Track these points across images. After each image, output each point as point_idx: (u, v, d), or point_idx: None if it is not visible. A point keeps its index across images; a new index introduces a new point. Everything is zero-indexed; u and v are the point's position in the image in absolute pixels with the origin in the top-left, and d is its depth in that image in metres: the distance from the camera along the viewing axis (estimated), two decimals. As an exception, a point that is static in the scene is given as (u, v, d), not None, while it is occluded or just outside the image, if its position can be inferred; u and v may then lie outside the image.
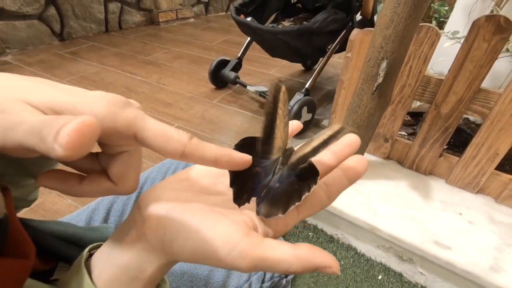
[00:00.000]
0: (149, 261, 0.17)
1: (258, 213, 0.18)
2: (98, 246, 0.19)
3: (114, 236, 0.18)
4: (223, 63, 1.29)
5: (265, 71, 1.55)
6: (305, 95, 1.01)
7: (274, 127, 0.20)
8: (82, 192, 0.17)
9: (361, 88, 0.67)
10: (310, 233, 0.89)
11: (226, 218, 0.17)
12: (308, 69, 1.60)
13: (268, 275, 0.43)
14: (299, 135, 1.04)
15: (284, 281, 0.45)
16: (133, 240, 0.17)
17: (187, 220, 0.16)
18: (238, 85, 1.25)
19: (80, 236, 0.26)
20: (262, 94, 1.13)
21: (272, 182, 0.19)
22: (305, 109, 0.99)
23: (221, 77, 1.28)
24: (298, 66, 1.61)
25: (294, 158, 0.20)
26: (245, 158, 0.17)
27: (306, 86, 1.03)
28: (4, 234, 0.17)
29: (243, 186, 0.19)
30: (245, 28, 1.06)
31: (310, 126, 1.07)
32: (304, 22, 1.13)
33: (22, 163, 0.20)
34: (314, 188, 0.17)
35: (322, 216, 0.87)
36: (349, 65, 0.85)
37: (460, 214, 0.77)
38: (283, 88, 0.19)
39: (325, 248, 0.84)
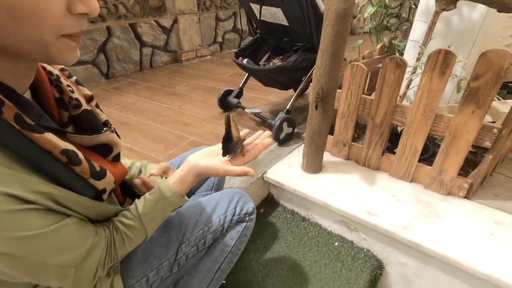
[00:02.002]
0: (189, 175, 0.54)
1: (225, 157, 0.55)
2: None
3: (175, 172, 0.55)
4: (228, 92, 1.68)
5: (264, 97, 1.92)
6: (286, 114, 1.35)
7: (231, 129, 0.55)
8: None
9: (312, 106, 1.00)
10: (288, 215, 1.18)
11: (217, 160, 0.54)
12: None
13: (237, 212, 0.74)
14: (284, 143, 1.36)
15: (247, 217, 0.76)
16: (183, 170, 0.54)
17: (204, 160, 0.54)
18: (239, 108, 1.62)
19: None
20: (256, 114, 1.48)
21: (231, 150, 0.55)
22: (285, 124, 1.32)
23: (226, 103, 1.66)
24: (291, 92, 1.96)
25: (239, 140, 0.56)
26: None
27: (287, 107, 1.37)
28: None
29: (225, 152, 0.55)
30: (242, 67, 1.45)
31: (292, 137, 1.40)
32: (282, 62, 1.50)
33: None
34: (244, 149, 0.55)
35: (297, 202, 1.17)
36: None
37: (393, 195, 1.04)
38: (231, 115, 0.55)
39: (298, 226, 1.13)
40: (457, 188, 1.02)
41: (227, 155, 0.58)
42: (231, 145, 0.59)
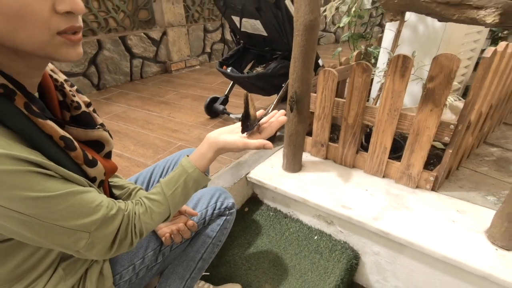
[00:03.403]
0: (209, 152, 0.60)
1: (244, 134, 0.62)
2: None
3: (196, 150, 0.62)
4: (214, 100, 1.76)
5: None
6: (268, 118, 1.43)
7: (249, 108, 0.61)
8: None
9: (288, 109, 1.08)
10: (271, 213, 1.25)
11: (237, 136, 0.61)
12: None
13: (218, 206, 0.81)
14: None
15: (227, 212, 0.82)
16: (203, 147, 0.61)
17: (224, 136, 0.61)
18: (225, 114, 1.70)
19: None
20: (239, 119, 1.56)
21: (249, 128, 0.62)
22: (267, 127, 1.40)
23: (213, 110, 1.74)
24: (274, 98, 2.05)
25: (256, 119, 0.63)
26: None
27: (268, 110, 1.45)
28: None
29: (244, 129, 0.61)
30: (226, 76, 1.53)
31: (275, 140, 1.48)
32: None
33: None
34: (261, 127, 0.64)
35: (279, 200, 1.24)
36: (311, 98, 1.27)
37: (366, 190, 1.12)
38: (250, 96, 0.61)
39: (280, 222, 1.20)
40: (424, 181, 1.10)
41: (245, 133, 0.62)
42: (249, 123, 0.62)
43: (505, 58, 1.01)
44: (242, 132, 0.62)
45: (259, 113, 0.66)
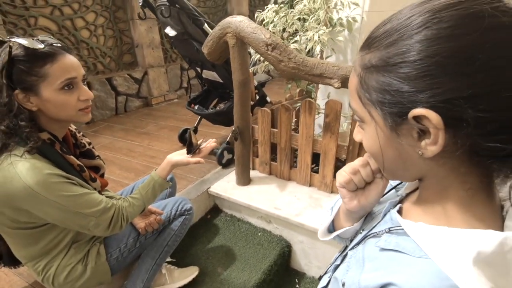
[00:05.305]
0: (167, 166, 1.00)
1: (188, 155, 1.03)
2: None
3: (160, 166, 1.02)
4: (186, 131, 2.15)
5: (216, 132, 2.41)
6: (226, 144, 1.83)
7: (192, 139, 1.01)
8: None
9: (233, 137, 1.49)
10: (228, 218, 1.62)
11: (184, 156, 1.02)
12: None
13: (179, 209, 1.17)
14: (226, 166, 1.83)
15: (186, 213, 1.18)
16: (164, 163, 1.01)
17: (176, 156, 1.02)
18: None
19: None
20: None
21: (191, 151, 1.03)
22: (225, 152, 1.80)
23: (184, 139, 2.13)
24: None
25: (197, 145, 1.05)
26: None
27: (227, 139, 1.86)
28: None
29: (188, 152, 1.02)
30: (194, 112, 1.95)
31: (232, 162, 1.87)
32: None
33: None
34: (200, 149, 1.06)
35: (233, 208, 1.61)
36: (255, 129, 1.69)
37: (295, 196, 1.52)
38: (191, 131, 1.02)
39: (234, 225, 1.57)
40: (335, 187, 1.51)
41: (189, 154, 1.04)
42: (192, 148, 1.04)
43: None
44: (187, 153, 1.03)
45: (199, 141, 1.09)
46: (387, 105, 0.33)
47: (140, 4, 1.73)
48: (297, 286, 1.41)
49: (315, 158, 1.52)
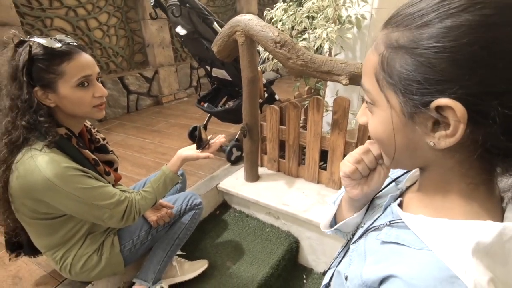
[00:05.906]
0: (178, 161, 1.04)
1: (198, 150, 1.07)
2: None
3: (170, 160, 1.05)
4: (195, 128, 2.19)
5: (225, 130, 2.44)
6: (235, 141, 1.86)
7: (201, 135, 1.05)
8: None
9: (242, 134, 1.51)
10: (237, 214, 1.64)
11: (194, 151, 1.06)
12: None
13: (189, 203, 1.20)
14: (235, 163, 1.85)
15: (196, 207, 1.21)
16: (174, 158, 1.04)
17: (186, 151, 1.05)
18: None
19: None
20: (216, 143, 1.99)
21: (201, 146, 1.06)
22: (235, 149, 1.82)
23: (194, 136, 2.17)
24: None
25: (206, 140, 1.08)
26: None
27: (237, 136, 1.89)
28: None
29: (198, 147, 1.05)
30: (203, 110, 1.98)
31: (241, 159, 1.90)
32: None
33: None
34: (208, 145, 1.08)
35: (242, 204, 1.63)
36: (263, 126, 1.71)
37: (303, 192, 1.53)
38: (201, 127, 1.06)
39: (243, 220, 1.59)
40: (343, 184, 1.52)
41: (199, 149, 1.07)
42: (201, 143, 1.07)
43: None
44: (197, 148, 1.06)
45: (209, 137, 1.11)
46: (411, 91, 0.31)
47: (152, 4, 1.76)
48: (304, 281, 1.43)
49: (323, 156, 1.53)
